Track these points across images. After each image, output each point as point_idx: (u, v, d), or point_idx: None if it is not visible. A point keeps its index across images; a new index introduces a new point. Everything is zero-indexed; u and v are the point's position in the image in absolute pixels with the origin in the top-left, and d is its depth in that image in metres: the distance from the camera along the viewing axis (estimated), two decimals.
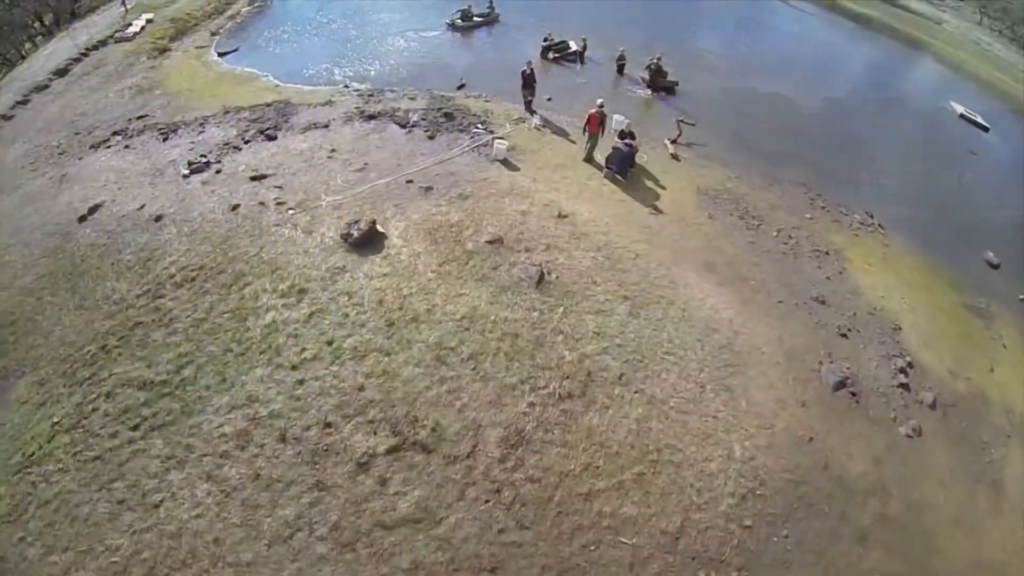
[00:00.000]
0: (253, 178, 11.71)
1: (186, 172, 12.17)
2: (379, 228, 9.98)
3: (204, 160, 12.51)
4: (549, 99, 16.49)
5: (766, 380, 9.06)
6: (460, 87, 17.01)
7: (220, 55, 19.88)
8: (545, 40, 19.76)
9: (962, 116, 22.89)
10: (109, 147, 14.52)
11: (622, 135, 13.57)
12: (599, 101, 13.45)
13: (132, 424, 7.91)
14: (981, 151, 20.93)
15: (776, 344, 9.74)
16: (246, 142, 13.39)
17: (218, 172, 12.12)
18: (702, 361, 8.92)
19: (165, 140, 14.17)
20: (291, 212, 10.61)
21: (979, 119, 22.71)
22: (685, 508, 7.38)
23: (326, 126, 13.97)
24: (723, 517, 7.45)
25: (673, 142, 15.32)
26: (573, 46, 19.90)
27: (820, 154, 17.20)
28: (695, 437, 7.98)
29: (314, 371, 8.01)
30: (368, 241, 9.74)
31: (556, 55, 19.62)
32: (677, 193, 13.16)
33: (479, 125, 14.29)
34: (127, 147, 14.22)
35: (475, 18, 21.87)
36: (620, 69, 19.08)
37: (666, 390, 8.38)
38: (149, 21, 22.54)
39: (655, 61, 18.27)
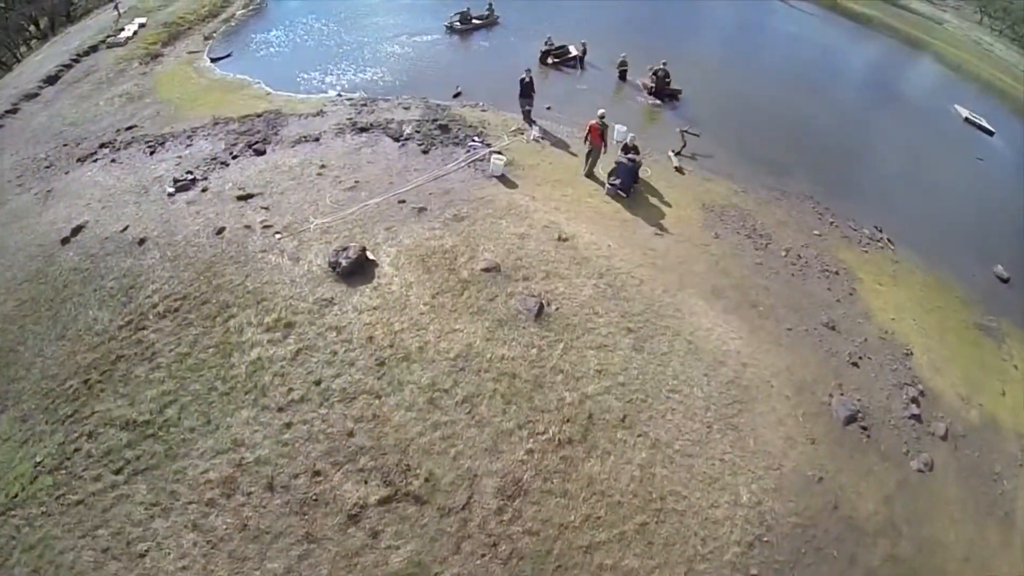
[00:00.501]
0: (240, 197, 11.25)
1: (171, 190, 11.74)
2: (369, 255, 9.52)
3: (190, 177, 12.07)
4: (548, 108, 16.02)
5: (775, 416, 8.70)
6: (456, 95, 16.48)
7: (213, 60, 19.37)
8: (545, 44, 19.25)
9: (967, 120, 22.46)
10: (96, 160, 14.12)
11: (625, 148, 13.05)
12: (600, 112, 12.93)
13: (115, 467, 7.61)
14: (987, 157, 20.50)
15: (785, 375, 9.37)
16: (234, 157, 12.92)
17: (204, 191, 11.67)
18: (708, 398, 8.54)
19: (152, 154, 13.73)
20: (278, 236, 10.18)
21: (984, 123, 22.27)
22: (689, 559, 7.07)
23: (316, 139, 13.48)
24: (729, 567, 7.14)
25: (677, 154, 14.85)
26: (573, 51, 19.37)
27: (826, 163, 16.79)
28: (700, 482, 7.64)
29: (302, 414, 7.65)
30: (358, 270, 9.27)
31: (555, 60, 19.11)
32: (682, 210, 12.71)
33: (475, 138, 13.79)
34: (114, 161, 13.81)
35: (474, 20, 21.37)
36: (622, 75, 18.59)
37: (671, 432, 8.01)
38: (142, 25, 22.04)
39: (661, 67, 17.73)
